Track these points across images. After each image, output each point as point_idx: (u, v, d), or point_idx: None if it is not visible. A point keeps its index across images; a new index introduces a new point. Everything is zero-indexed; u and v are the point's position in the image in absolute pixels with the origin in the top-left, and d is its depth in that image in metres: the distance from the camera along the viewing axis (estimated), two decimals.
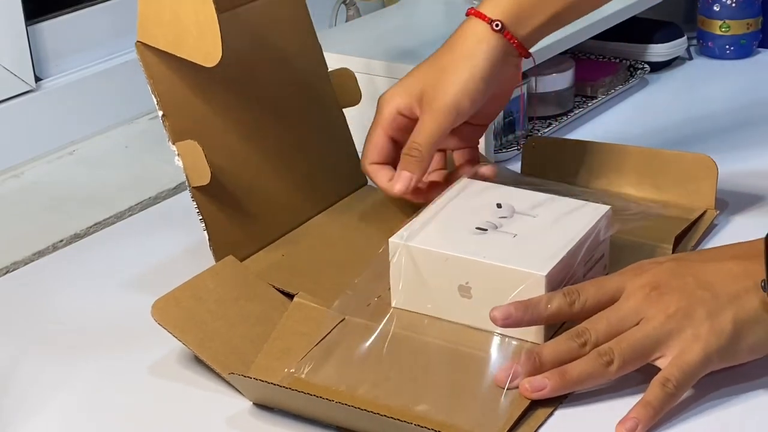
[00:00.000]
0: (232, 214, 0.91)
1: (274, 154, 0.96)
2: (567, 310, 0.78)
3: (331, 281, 0.88)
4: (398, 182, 0.93)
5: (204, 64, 0.86)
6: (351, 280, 0.87)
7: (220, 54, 0.85)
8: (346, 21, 1.37)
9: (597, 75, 1.28)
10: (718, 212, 0.97)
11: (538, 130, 1.18)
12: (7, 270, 0.97)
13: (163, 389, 0.80)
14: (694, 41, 1.42)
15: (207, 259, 0.88)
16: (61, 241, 1.01)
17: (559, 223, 0.85)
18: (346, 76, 1.02)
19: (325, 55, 1.03)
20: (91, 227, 1.04)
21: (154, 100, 0.88)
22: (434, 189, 0.95)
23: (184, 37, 0.86)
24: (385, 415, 0.71)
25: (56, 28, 1.21)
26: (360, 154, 0.99)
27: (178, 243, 0.99)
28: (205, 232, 0.89)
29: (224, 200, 0.90)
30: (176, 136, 0.88)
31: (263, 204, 0.94)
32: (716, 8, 1.38)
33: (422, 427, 0.70)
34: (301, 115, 0.99)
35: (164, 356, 0.83)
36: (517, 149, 1.13)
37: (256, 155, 0.94)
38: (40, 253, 0.99)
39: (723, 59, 1.40)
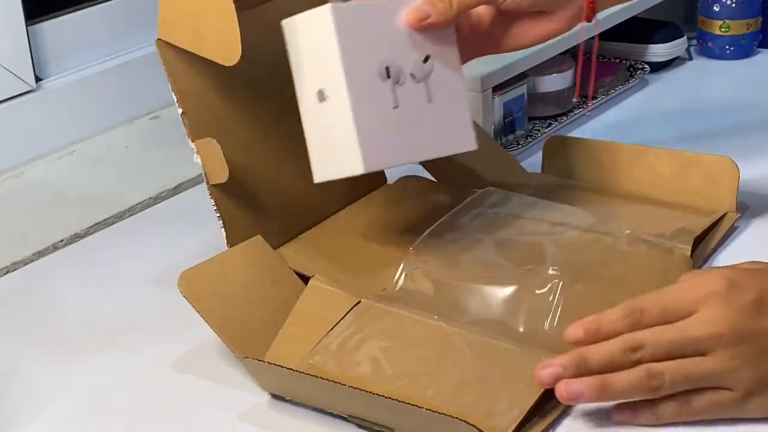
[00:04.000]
0: (251, 212, 0.91)
1: (295, 152, 0.96)
2: (628, 329, 0.71)
3: (348, 265, 0.88)
4: (411, 13, 0.84)
5: (223, 64, 0.86)
6: (368, 264, 0.88)
7: (239, 53, 0.84)
8: None
9: (597, 75, 1.28)
10: (739, 215, 0.96)
11: (538, 130, 1.18)
12: (7, 270, 0.97)
13: (165, 387, 0.80)
14: (694, 41, 1.42)
15: None
16: (61, 241, 1.01)
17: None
18: None
19: None
20: (91, 227, 1.04)
21: (174, 98, 0.88)
22: None
23: (203, 35, 0.86)
24: (397, 400, 0.70)
25: (56, 28, 1.21)
26: None
27: (179, 243, 0.99)
28: (223, 229, 0.89)
29: (243, 198, 0.90)
30: (195, 134, 0.88)
31: (282, 201, 0.94)
32: (716, 8, 1.38)
33: (434, 411, 0.69)
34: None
35: (165, 355, 0.83)
36: (520, 147, 1.13)
37: (276, 153, 0.94)
38: (40, 253, 0.99)
39: (723, 59, 1.40)
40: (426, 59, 0.85)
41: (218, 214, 0.88)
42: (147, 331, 0.86)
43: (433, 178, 1.03)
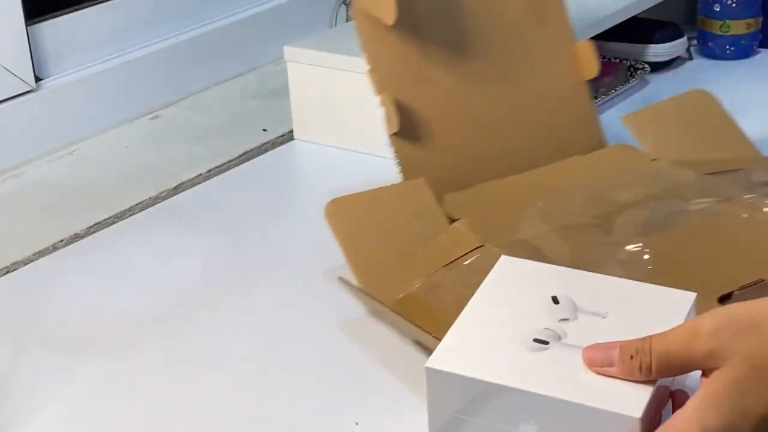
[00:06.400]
0: (429, 160, 0.96)
1: (496, 110, 1.00)
2: None
3: (496, 215, 0.91)
4: (590, 353, 0.63)
5: (384, 22, 0.94)
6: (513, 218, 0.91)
7: (394, 15, 0.93)
8: (346, 21, 1.37)
9: (597, 75, 1.28)
10: None
11: None
12: (7, 270, 0.97)
13: (165, 387, 0.80)
14: (695, 41, 1.42)
15: (207, 260, 0.88)
16: (61, 241, 1.01)
17: (637, 325, 0.64)
18: (585, 47, 1.07)
19: (326, 54, 1.02)
20: (91, 227, 1.04)
21: (363, 56, 0.95)
22: None
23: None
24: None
25: (56, 28, 1.21)
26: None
27: (178, 243, 0.99)
28: (401, 174, 0.94)
29: (421, 147, 0.95)
30: (380, 88, 0.95)
31: (468, 154, 0.98)
32: (716, 8, 1.38)
33: None
34: (529, 79, 1.03)
35: (164, 356, 0.83)
36: None
37: (474, 110, 0.99)
38: (40, 253, 0.99)
39: (723, 59, 1.40)
40: (556, 301, 0.69)
41: (397, 160, 0.95)
42: (146, 332, 0.86)
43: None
